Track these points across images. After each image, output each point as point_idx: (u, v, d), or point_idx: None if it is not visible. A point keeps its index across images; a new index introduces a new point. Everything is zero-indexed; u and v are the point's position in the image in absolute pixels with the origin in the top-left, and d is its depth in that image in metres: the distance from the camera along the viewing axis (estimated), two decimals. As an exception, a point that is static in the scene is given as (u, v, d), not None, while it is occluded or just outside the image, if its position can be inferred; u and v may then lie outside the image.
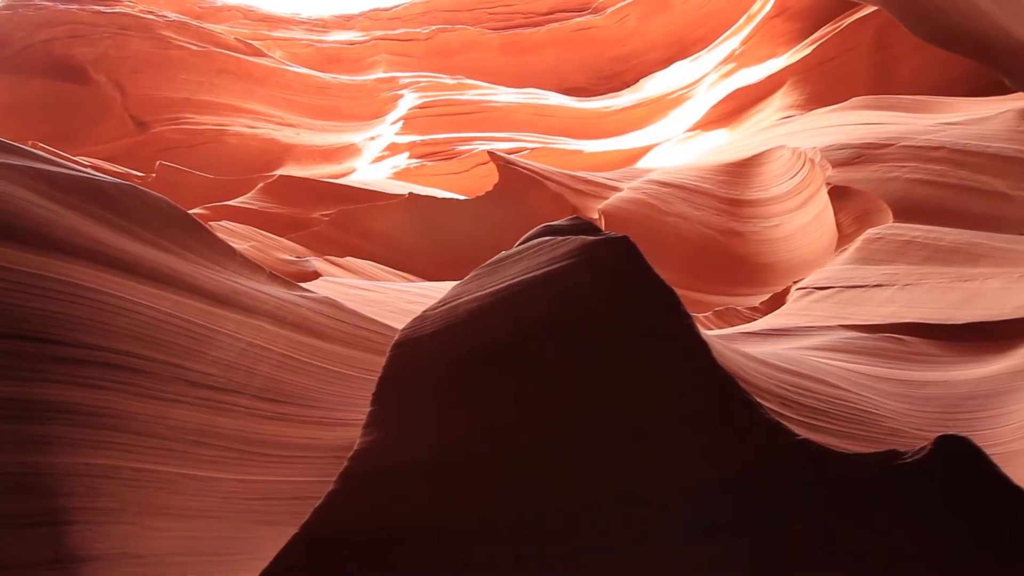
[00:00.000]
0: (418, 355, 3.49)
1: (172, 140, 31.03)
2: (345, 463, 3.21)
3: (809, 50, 30.19)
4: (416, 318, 3.70)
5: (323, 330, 5.94)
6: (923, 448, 2.88)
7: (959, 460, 2.83)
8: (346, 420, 5.50)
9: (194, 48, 33.86)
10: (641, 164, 29.52)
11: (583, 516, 2.85)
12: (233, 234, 14.55)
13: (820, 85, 28.57)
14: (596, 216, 16.80)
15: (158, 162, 24.56)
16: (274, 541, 3.62)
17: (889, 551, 2.73)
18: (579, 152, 33.20)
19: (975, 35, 5.33)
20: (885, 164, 13.96)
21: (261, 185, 20.22)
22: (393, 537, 2.88)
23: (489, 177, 21.27)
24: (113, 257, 4.89)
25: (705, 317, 11.56)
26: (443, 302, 3.69)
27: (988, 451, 6.59)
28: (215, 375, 4.82)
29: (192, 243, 5.71)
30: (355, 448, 3.24)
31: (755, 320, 10.77)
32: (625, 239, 3.30)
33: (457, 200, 19.46)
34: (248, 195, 19.66)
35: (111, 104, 31.93)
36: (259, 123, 32.90)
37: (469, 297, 3.56)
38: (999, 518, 2.73)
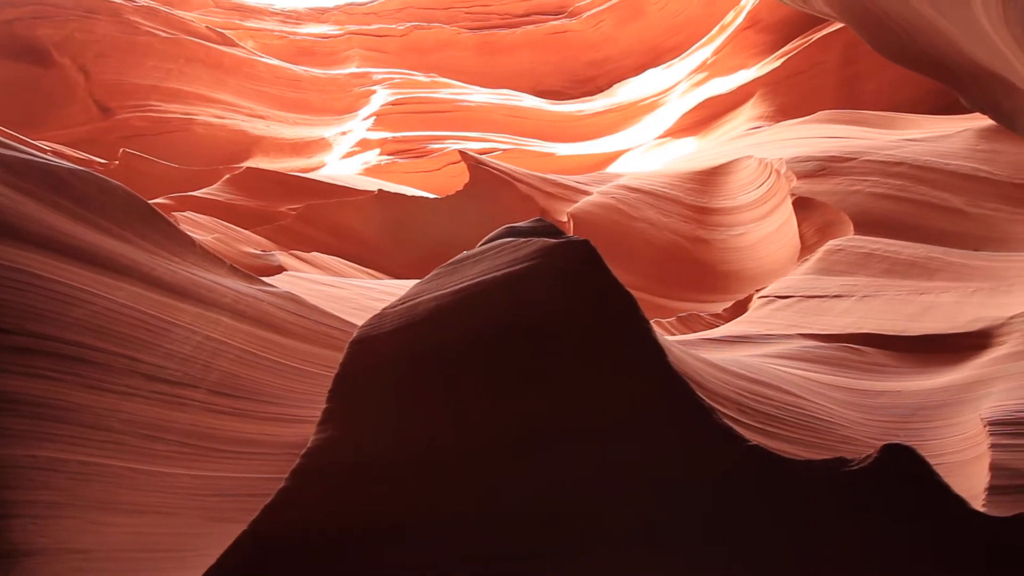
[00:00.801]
0: (376, 353, 3.47)
1: (137, 127, 30.39)
2: (298, 460, 3.18)
3: (779, 63, 30.72)
4: (375, 316, 3.68)
5: (283, 325, 5.87)
6: (869, 456, 2.94)
7: (904, 468, 2.90)
8: (304, 417, 5.44)
9: (163, 35, 33.22)
10: (612, 169, 29.71)
11: (536, 518, 2.86)
12: (197, 225, 14.31)
13: (789, 97, 29.08)
14: (565, 219, 16.87)
15: (122, 150, 24.04)
16: (225, 538, 3.57)
17: (833, 556, 2.79)
18: (551, 155, 33.31)
19: (934, 55, 5.48)
20: (848, 177, 14.27)
21: (227, 176, 19.92)
22: (343, 536, 2.86)
23: (460, 176, 21.24)
24: (68, 245, 4.78)
25: (669, 323, 11.68)
26: (403, 300, 3.68)
27: (936, 461, 6.77)
28: (170, 368, 4.73)
29: (151, 233, 5.61)
30: (308, 445, 3.21)
31: (717, 327, 10.91)
32: (585, 243, 3.32)
33: (427, 199, 19.40)
34: (214, 186, 19.35)
35: (75, 88, 31.18)
36: (228, 113, 32.39)
37: (429, 296, 3.55)
38: (940, 525, 2.81)
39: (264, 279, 6.90)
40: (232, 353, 5.27)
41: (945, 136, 15.66)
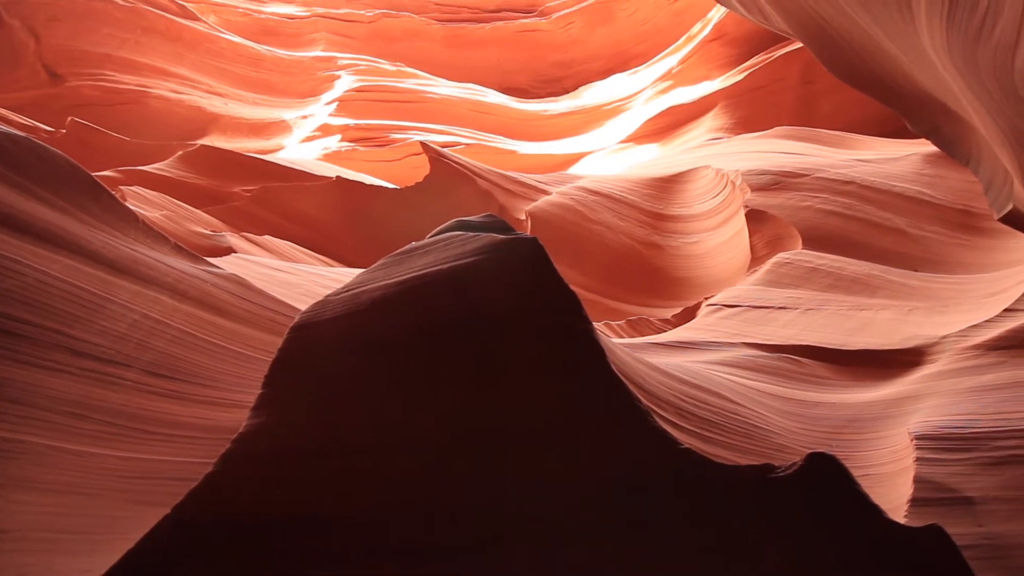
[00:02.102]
0: (316, 340, 3.42)
1: (88, 96, 29.34)
2: (228, 445, 3.11)
3: (741, 76, 31.30)
4: (318, 302, 3.63)
5: (226, 307, 5.74)
6: (795, 464, 3.02)
7: (826, 477, 2.98)
8: (242, 402, 5.32)
9: (120, 2, 32.12)
10: (573, 170, 29.87)
11: (466, 513, 2.85)
12: (145, 201, 13.90)
13: (748, 111, 29.66)
14: (523, 217, 16.90)
15: (70, 118, 23.20)
16: (150, 522, 3.47)
17: (754, 559, 2.85)
18: (513, 152, 33.32)
19: (883, 78, 5.66)
20: (800, 193, 14.63)
21: (180, 153, 19.39)
22: (267, 524, 2.80)
23: (421, 168, 21.07)
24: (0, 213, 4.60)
25: (618, 325, 11.80)
26: (347, 288, 3.63)
27: (865, 471, 6.98)
28: (103, 346, 4.58)
29: (91, 206, 5.42)
30: (240, 431, 3.14)
31: (665, 331, 11.07)
32: (533, 240, 3.33)
33: (386, 188, 19.21)
34: (166, 162, 18.82)
35: (23, 51, 29.93)
36: (185, 89, 31.50)
37: (374, 285, 3.51)
38: (859, 532, 2.90)
39: (211, 260, 6.74)
40: (170, 333, 5.13)
41: (893, 159, 16.19)
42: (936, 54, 4.19)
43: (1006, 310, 8.16)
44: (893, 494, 6.06)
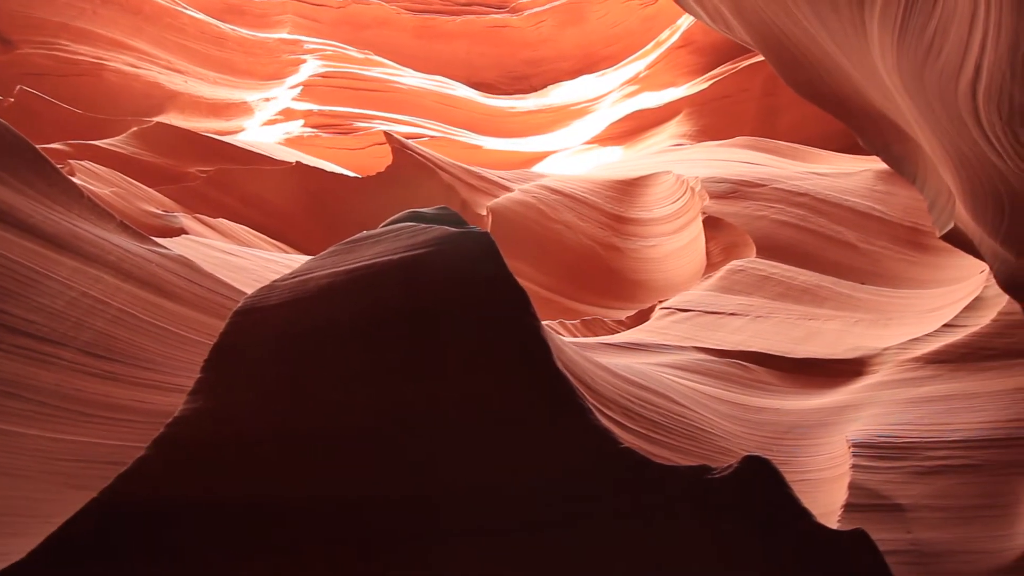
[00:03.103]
0: (259, 325, 3.35)
1: (40, 66, 28.28)
2: (162, 429, 3.03)
3: (706, 85, 31.72)
4: (264, 287, 3.56)
5: (172, 289, 5.60)
6: (731, 466, 3.08)
7: (760, 479, 3.04)
8: (184, 386, 5.17)
9: (79, -29, 31.03)
10: (537, 168, 29.92)
11: (405, 504, 2.83)
12: (95, 176, 13.47)
13: (712, 119, 30.08)
14: (484, 212, 16.87)
15: (19, 87, 22.35)
16: (79, 506, 3.37)
17: (687, 557, 2.89)
18: (478, 147, 33.22)
19: (838, 94, 5.80)
20: (756, 202, 14.90)
21: (135, 129, 18.83)
22: (195, 510, 2.74)
23: (384, 158, 20.85)
24: (-68, 180, 4.41)
25: (573, 324, 11.87)
26: (295, 274, 3.58)
27: (804, 476, 7.14)
28: (37, 323, 4.43)
29: (33, 178, 5.23)
30: (175, 415, 3.07)
31: (619, 332, 11.17)
32: (485, 235, 3.32)
33: (347, 177, 18.98)
34: (119, 137, 18.26)
35: (-27, 15, 28.73)
36: (144, 64, 30.60)
37: (322, 272, 3.46)
38: (787, 533, 2.97)
39: (160, 241, 6.56)
40: (111, 313, 4.98)
41: (847, 174, 16.61)
42: (887, 73, 4.31)
43: (945, 325, 8.44)
44: (829, 499, 6.23)
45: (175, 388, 5.08)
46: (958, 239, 5.86)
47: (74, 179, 11.98)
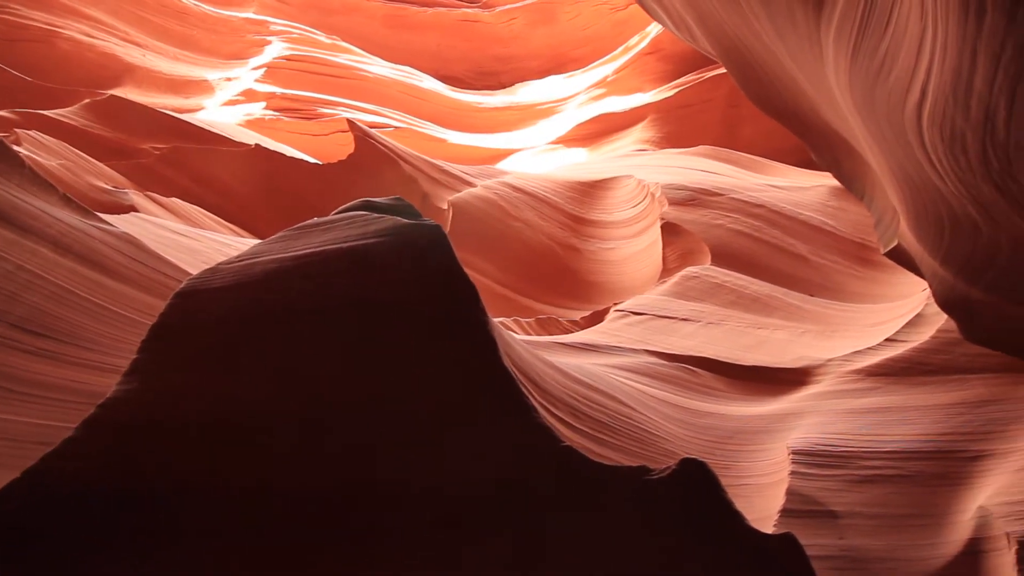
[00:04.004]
0: (200, 308, 3.27)
1: (-10, 30, 27.16)
2: (92, 410, 2.94)
3: (671, 93, 32.11)
4: (208, 269, 3.48)
5: (114, 267, 5.43)
6: (669, 468, 3.12)
7: (697, 482, 3.09)
8: (122, 367, 5.04)
9: (35, -67, 29.86)
10: (501, 165, 29.89)
11: (338, 496, 2.80)
12: (41, 147, 12.99)
13: (676, 127, 30.46)
14: (445, 206, 16.79)
15: (-35, 50, 21.44)
16: (3, 485, 3.24)
17: (624, 555, 2.92)
18: (443, 141, 33.02)
19: (795, 110, 5.93)
20: (714, 211, 15.14)
21: (88, 101, 18.23)
22: (121, 495, 2.66)
23: (346, 146, 20.57)
24: None
25: (527, 322, 11.90)
26: (240, 258, 3.50)
27: (744, 481, 7.28)
28: (-33, 295, 4.25)
29: (-30, 145, 5.02)
30: (107, 396, 2.97)
31: (572, 332, 11.24)
32: (436, 227, 3.30)
33: (306, 163, 18.67)
34: (70, 108, 17.65)
35: (-82, -29, 27.42)
36: (100, 34, 29.59)
37: (268, 257, 3.40)
38: (719, 535, 3.02)
39: (106, 217, 6.36)
40: (48, 289, 4.81)
41: (803, 188, 16.99)
42: (840, 92, 4.41)
43: (887, 339, 8.69)
44: (767, 504, 6.36)
45: (112, 368, 4.93)
46: (901, 257, 6.03)
47: (19, 149, 11.54)
